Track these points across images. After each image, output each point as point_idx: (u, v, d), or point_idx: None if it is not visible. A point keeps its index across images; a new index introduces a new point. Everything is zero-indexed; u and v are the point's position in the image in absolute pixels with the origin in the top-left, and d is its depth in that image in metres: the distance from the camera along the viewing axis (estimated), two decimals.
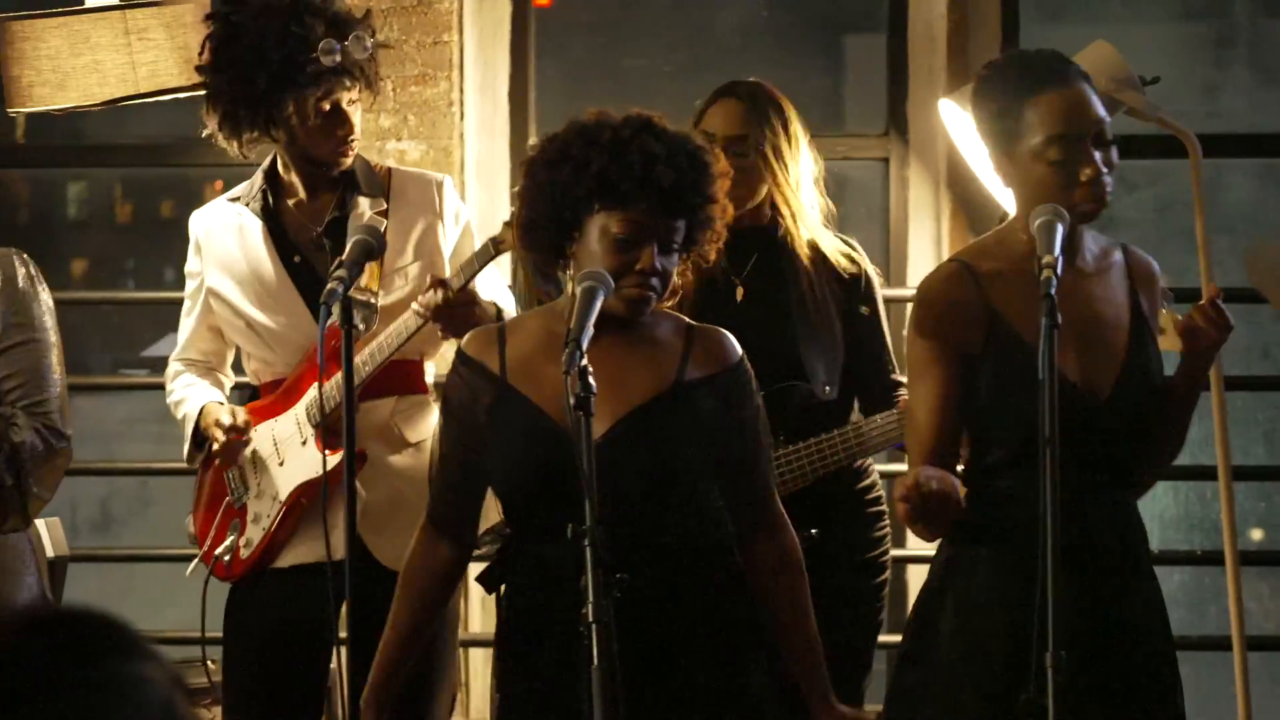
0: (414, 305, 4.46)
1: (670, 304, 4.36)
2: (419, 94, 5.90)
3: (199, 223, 4.79)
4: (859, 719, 3.70)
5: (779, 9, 6.68)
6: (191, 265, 4.82)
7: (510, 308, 4.59)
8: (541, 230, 3.64)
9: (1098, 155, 3.72)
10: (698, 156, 3.62)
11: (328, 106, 4.55)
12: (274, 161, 4.73)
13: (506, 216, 4.38)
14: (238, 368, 4.93)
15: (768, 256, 4.59)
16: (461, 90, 5.97)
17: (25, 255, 4.16)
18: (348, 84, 4.55)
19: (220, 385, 4.84)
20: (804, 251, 4.58)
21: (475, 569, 3.96)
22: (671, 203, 3.57)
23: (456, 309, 4.41)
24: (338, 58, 4.49)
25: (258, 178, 4.75)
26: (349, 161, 4.63)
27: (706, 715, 3.64)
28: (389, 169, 4.78)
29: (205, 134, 4.66)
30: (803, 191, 4.60)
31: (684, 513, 3.62)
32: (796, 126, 4.62)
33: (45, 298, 4.22)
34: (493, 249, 4.41)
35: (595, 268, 3.53)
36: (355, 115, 4.61)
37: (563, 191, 3.59)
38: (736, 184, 4.55)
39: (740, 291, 4.59)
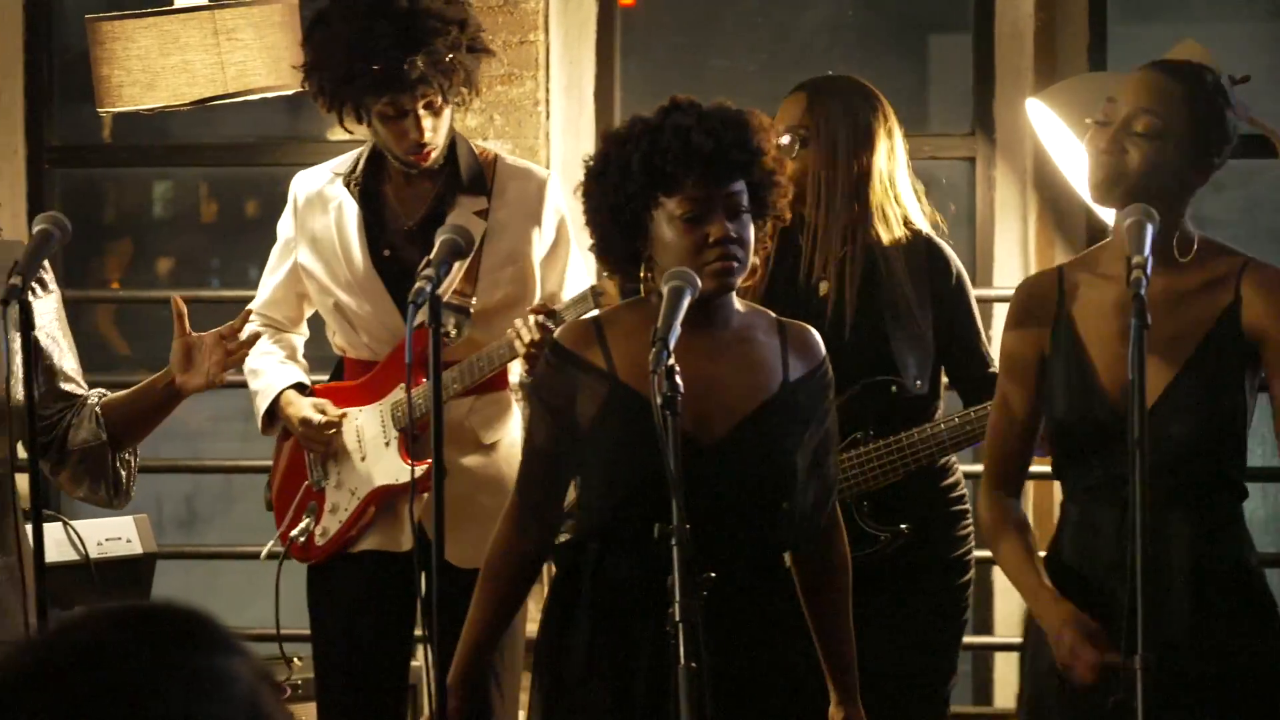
0: (512, 335, 4.43)
1: (750, 284, 4.34)
2: (505, 93, 5.90)
3: (301, 187, 4.80)
4: None
5: (864, 8, 6.65)
6: (285, 226, 4.82)
7: None
8: (612, 242, 3.66)
9: (1130, 141, 3.72)
10: (731, 117, 3.61)
11: (391, 112, 4.54)
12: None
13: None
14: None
15: (851, 251, 4.55)
16: (547, 90, 5.97)
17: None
18: (414, 94, 4.50)
19: (294, 350, 4.85)
20: (879, 240, 4.53)
21: None
22: (719, 167, 3.57)
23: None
24: (404, 71, 4.45)
25: (362, 157, 4.75)
26: (428, 164, 4.61)
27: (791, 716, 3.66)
28: (495, 158, 4.75)
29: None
30: (878, 189, 4.54)
31: (784, 515, 3.62)
32: (876, 122, 4.56)
33: None
34: (591, 299, 4.38)
35: (679, 266, 3.53)
36: (430, 121, 4.54)
37: (615, 195, 3.61)
38: (791, 177, 4.54)
39: (824, 287, 4.56)
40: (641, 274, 3.67)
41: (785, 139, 4.51)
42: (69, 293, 4.41)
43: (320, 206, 4.74)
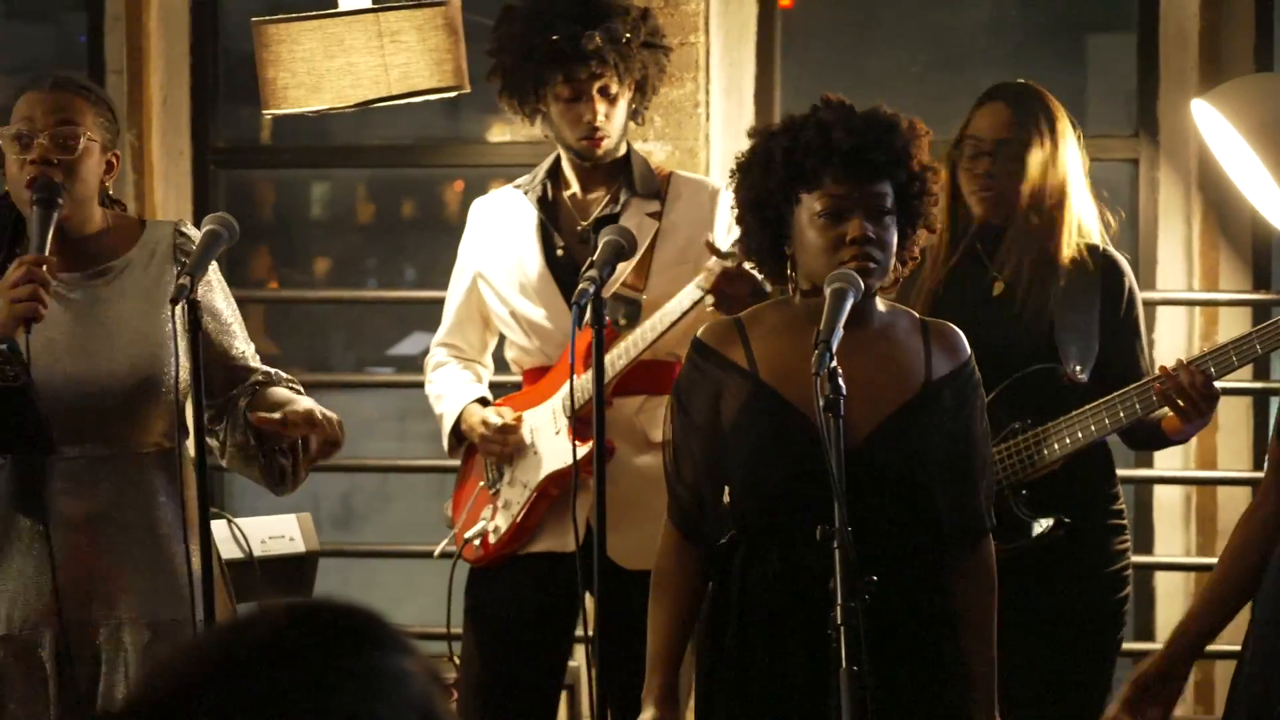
0: (697, 280, 4.46)
1: (921, 302, 4.31)
2: (665, 95, 5.90)
3: (478, 209, 4.90)
4: None
5: (1024, 8, 6.60)
6: (464, 250, 4.90)
7: None
8: (756, 237, 3.67)
9: None
10: (876, 118, 3.58)
11: (567, 93, 4.60)
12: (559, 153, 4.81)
13: None
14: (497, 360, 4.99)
15: (1030, 256, 4.51)
16: (707, 91, 5.97)
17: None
18: (590, 70, 4.58)
19: (480, 378, 4.90)
20: (1065, 252, 4.50)
21: None
22: (859, 165, 3.54)
23: (736, 280, 4.39)
24: (581, 43, 4.53)
25: (542, 168, 4.83)
26: (600, 152, 4.67)
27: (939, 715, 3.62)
28: (670, 173, 4.84)
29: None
30: (1072, 196, 4.51)
31: (928, 515, 3.59)
32: (1065, 129, 4.54)
33: None
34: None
35: (817, 265, 3.54)
36: (605, 106, 4.63)
37: (758, 189, 3.62)
38: (1002, 186, 4.50)
39: (998, 287, 4.54)
40: (787, 273, 3.67)
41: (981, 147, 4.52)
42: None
43: (500, 217, 4.83)
